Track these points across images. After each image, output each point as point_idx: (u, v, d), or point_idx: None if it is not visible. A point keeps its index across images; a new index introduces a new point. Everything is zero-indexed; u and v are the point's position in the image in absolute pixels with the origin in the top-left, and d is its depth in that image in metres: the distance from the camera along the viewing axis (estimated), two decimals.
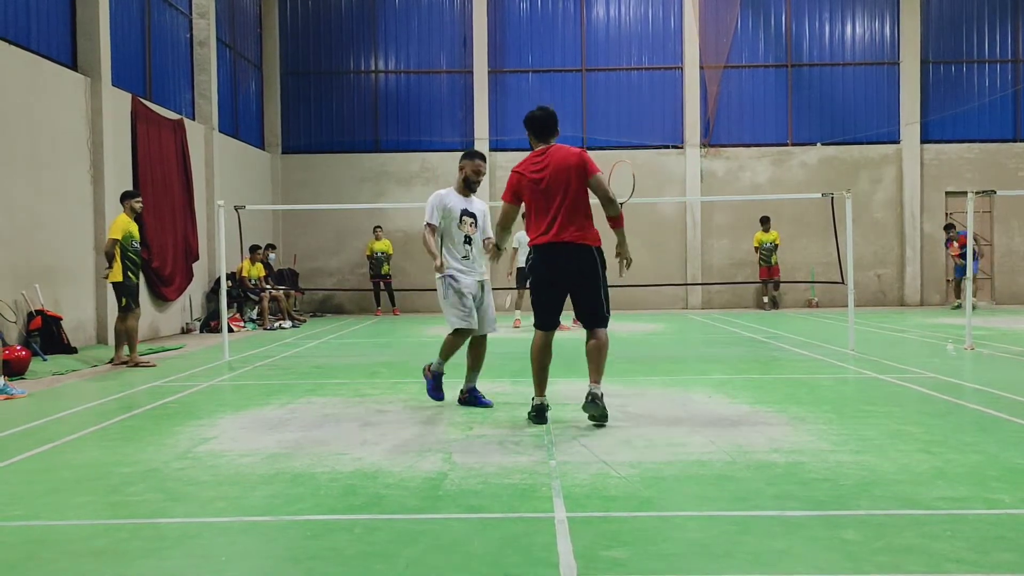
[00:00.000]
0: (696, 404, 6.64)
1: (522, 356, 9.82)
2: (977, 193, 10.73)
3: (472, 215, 6.77)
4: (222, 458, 5.01)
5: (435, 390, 6.80)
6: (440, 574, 3.16)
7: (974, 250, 15.68)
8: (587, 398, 5.74)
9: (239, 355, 10.79)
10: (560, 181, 5.69)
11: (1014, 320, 14.85)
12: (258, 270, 16.15)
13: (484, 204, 7.03)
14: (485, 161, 6.99)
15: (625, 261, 5.83)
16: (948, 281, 20.02)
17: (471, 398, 6.79)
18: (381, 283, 18.95)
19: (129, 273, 9.76)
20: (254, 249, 16.00)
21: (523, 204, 5.95)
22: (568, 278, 5.76)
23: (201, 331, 15.00)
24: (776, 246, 19.16)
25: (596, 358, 5.79)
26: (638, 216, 19.13)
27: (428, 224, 6.65)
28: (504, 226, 5.99)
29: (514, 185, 5.89)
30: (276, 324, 15.65)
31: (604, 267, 5.75)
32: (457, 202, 6.72)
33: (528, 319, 13.48)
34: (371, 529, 3.68)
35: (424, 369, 6.93)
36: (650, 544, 3.44)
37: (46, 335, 10.62)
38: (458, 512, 3.90)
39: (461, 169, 6.81)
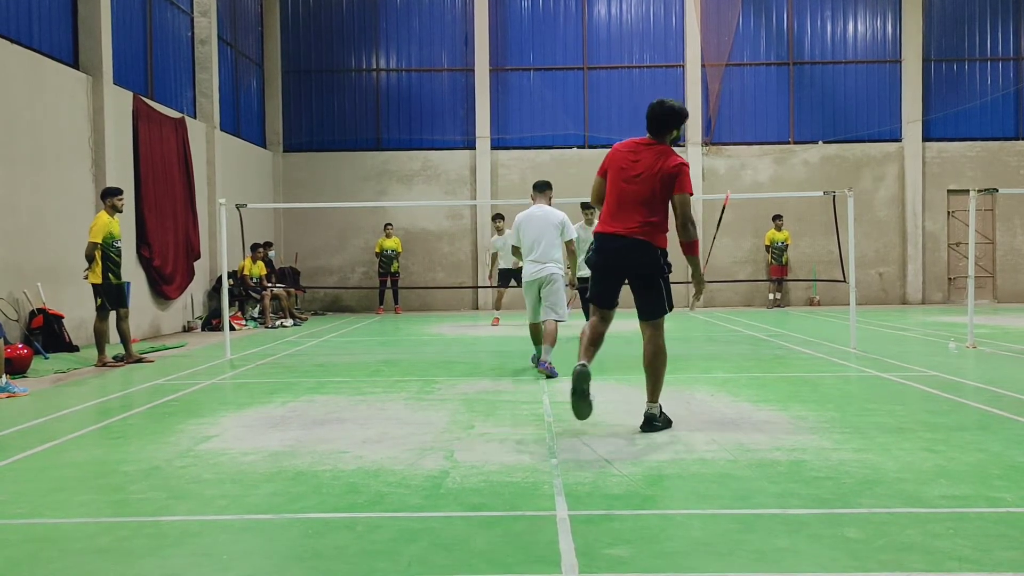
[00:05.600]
0: (698, 402, 6.63)
1: (523, 356, 9.84)
2: (979, 191, 10.72)
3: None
4: (224, 456, 5.01)
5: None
6: (442, 572, 3.16)
7: None
8: (644, 421, 5.58)
9: (241, 353, 10.79)
10: (646, 179, 5.46)
11: (1016, 318, 14.84)
12: (259, 268, 16.16)
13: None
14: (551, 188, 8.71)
15: (695, 292, 5.76)
16: (951, 279, 20.01)
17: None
18: (388, 281, 18.91)
19: (109, 275, 9.64)
20: (255, 247, 16.01)
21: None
22: (624, 271, 5.55)
23: (203, 329, 15.01)
24: (787, 245, 19.20)
25: (651, 370, 5.56)
26: None
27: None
28: (595, 199, 5.78)
29: (606, 160, 5.69)
30: (278, 322, 15.66)
31: (667, 265, 5.53)
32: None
33: (507, 318, 13.54)
34: (373, 527, 3.68)
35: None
36: (652, 542, 3.44)
37: (48, 333, 10.62)
38: (460, 510, 3.90)
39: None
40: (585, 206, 10.91)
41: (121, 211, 10.00)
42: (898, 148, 19.93)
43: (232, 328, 12.69)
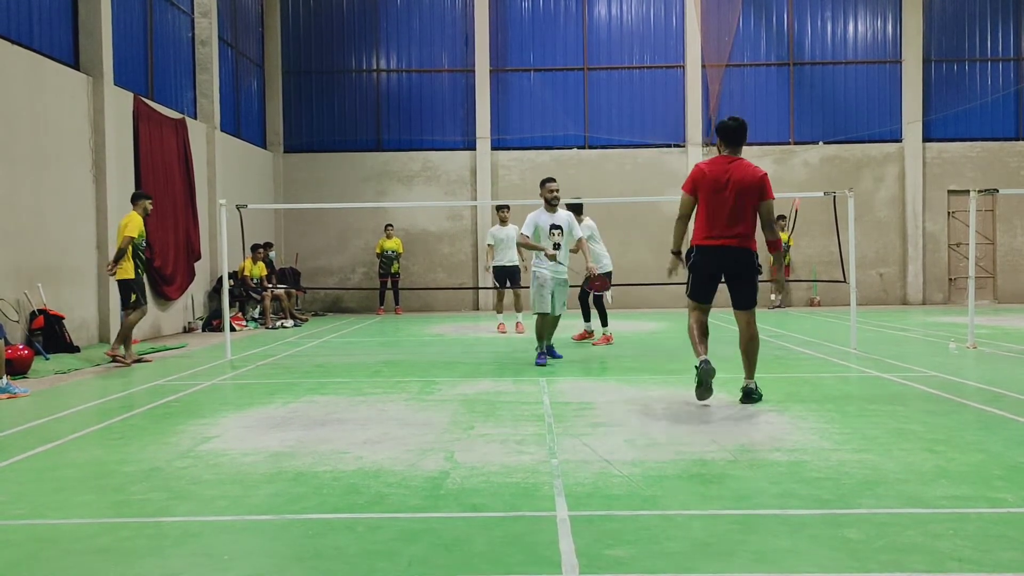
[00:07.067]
0: (698, 403, 6.63)
1: (523, 356, 9.85)
2: (980, 192, 10.73)
3: (558, 226, 9.02)
4: (224, 457, 5.02)
5: (541, 358, 9.16)
6: (442, 572, 3.16)
7: None
8: (744, 394, 6.56)
9: (241, 354, 10.79)
10: (739, 194, 6.31)
11: (1017, 319, 14.84)
12: (260, 269, 16.16)
13: (567, 214, 9.20)
14: (555, 181, 9.18)
15: (776, 284, 6.93)
16: (951, 280, 20.02)
17: (548, 353, 9.37)
18: (389, 281, 18.86)
19: (138, 270, 9.97)
20: (256, 248, 16.01)
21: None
22: (725, 274, 6.50)
23: (203, 330, 15.01)
24: (789, 246, 19.15)
25: (749, 353, 6.53)
26: (640, 215, 19.15)
27: (523, 234, 9.02)
28: (683, 218, 6.64)
29: (696, 178, 6.47)
30: (278, 323, 15.66)
31: (759, 267, 6.56)
32: (546, 219, 9.02)
33: (509, 320, 13.50)
34: (373, 528, 3.69)
35: (537, 351, 9.29)
36: (652, 543, 3.44)
37: (48, 334, 10.63)
38: (460, 511, 3.90)
39: (541, 195, 9.15)
40: (500, 208, 13.40)
41: (150, 213, 10.28)
42: (898, 149, 19.93)
43: (232, 329, 12.69)
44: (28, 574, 3.23)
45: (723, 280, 6.60)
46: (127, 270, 9.83)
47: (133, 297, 9.94)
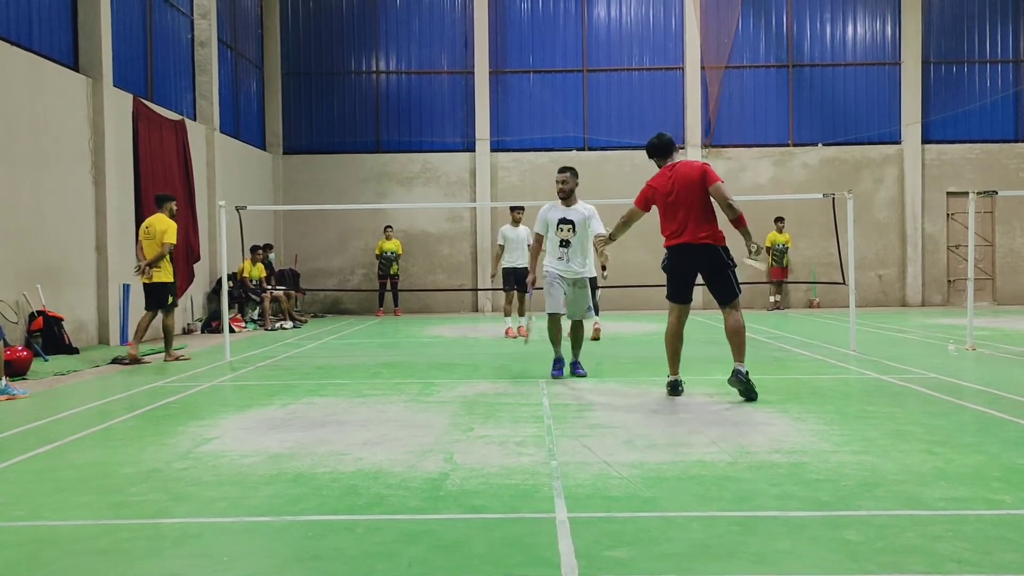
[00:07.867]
0: (697, 404, 6.64)
1: (522, 358, 9.85)
2: (979, 193, 10.74)
3: (570, 222, 8.18)
4: (224, 458, 5.02)
5: (555, 370, 8.28)
6: (442, 574, 3.16)
7: None
8: (732, 373, 6.70)
9: (240, 355, 10.79)
10: (685, 193, 6.74)
11: (1016, 320, 14.84)
12: (259, 271, 16.16)
13: (586, 208, 8.31)
14: (569, 171, 8.32)
15: (754, 248, 6.94)
16: (950, 282, 20.03)
17: (571, 369, 8.33)
18: (388, 283, 18.85)
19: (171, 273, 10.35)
20: (254, 250, 16.01)
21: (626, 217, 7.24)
22: (695, 271, 6.87)
23: (202, 331, 15.01)
24: (788, 247, 19.15)
25: (735, 340, 6.75)
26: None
27: (536, 233, 8.34)
28: (626, 223, 7.21)
29: (648, 196, 7.04)
30: (277, 324, 15.66)
31: (730, 260, 6.79)
32: (555, 213, 8.23)
33: (516, 323, 13.45)
34: (373, 529, 3.69)
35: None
36: (652, 544, 3.44)
37: (47, 335, 10.64)
38: (460, 512, 3.90)
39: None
40: (514, 208, 12.67)
41: (175, 215, 10.59)
42: (897, 150, 19.95)
43: (232, 330, 12.68)
44: (27, 575, 3.22)
45: (700, 282, 6.94)
46: (167, 273, 10.15)
47: (171, 300, 10.27)
